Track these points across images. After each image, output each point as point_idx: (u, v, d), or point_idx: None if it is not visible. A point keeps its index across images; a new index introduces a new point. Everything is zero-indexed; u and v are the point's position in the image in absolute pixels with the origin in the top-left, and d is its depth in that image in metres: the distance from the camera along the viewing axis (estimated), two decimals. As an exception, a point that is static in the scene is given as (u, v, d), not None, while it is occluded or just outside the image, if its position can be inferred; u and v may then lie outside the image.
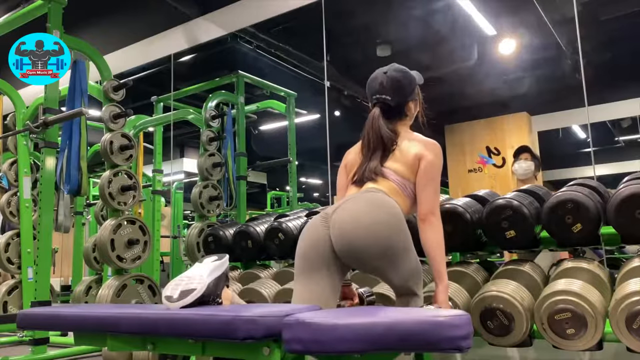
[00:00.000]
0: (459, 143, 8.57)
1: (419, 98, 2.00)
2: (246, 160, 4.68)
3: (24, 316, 1.87)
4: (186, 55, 5.72)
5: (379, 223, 1.68)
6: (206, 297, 1.57)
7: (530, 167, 3.48)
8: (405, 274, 1.74)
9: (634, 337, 1.81)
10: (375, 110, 1.91)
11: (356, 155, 1.95)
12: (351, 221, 1.69)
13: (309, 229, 1.79)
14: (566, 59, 6.17)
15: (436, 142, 1.88)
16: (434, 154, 1.84)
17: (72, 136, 3.27)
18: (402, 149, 1.85)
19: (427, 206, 1.78)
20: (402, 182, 1.81)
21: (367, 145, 1.89)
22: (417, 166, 1.81)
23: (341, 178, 1.98)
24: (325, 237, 1.72)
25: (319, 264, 1.72)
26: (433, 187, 1.81)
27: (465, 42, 6.07)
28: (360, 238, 1.66)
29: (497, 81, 6.93)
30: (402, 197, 1.80)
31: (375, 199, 1.75)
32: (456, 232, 2.23)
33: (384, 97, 1.90)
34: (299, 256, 1.78)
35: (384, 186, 1.80)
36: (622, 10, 5.37)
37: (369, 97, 1.96)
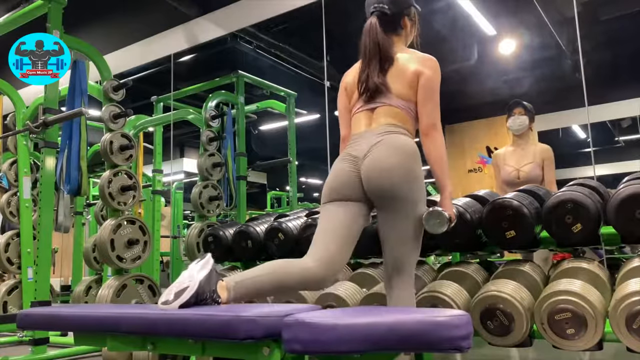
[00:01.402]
0: (459, 143, 8.57)
1: (415, 19, 2.07)
2: (246, 160, 4.67)
3: (24, 316, 1.87)
4: (186, 55, 5.73)
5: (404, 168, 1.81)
6: (202, 296, 1.57)
7: (525, 121, 3.50)
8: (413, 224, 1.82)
9: (634, 337, 1.81)
10: (372, 19, 1.98)
11: (355, 76, 2.01)
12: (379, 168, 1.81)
13: (339, 169, 1.90)
14: (566, 59, 6.18)
15: (433, 57, 1.96)
16: (432, 70, 1.93)
17: (72, 136, 3.27)
18: (399, 65, 1.92)
19: (428, 120, 1.88)
20: (406, 106, 1.90)
21: (365, 53, 1.97)
22: (417, 82, 1.90)
23: (342, 101, 2.08)
24: (354, 178, 1.85)
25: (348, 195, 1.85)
26: (433, 102, 1.90)
27: (465, 42, 6.07)
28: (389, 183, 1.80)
29: (497, 81, 6.93)
30: (408, 120, 1.91)
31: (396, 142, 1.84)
32: (456, 232, 2.23)
33: (382, 6, 1.98)
34: (328, 189, 1.90)
35: (395, 117, 1.89)
36: (622, 10, 5.38)
37: (367, 9, 2.03)
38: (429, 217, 1.82)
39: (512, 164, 3.43)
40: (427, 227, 1.83)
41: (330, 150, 3.72)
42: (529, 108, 3.55)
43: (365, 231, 1.92)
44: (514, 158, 3.45)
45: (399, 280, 1.85)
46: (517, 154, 3.47)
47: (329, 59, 5.79)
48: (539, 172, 3.34)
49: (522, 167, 3.38)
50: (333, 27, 4.16)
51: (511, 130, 3.55)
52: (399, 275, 1.85)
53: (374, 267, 2.61)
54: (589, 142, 8.29)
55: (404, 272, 1.85)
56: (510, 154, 3.51)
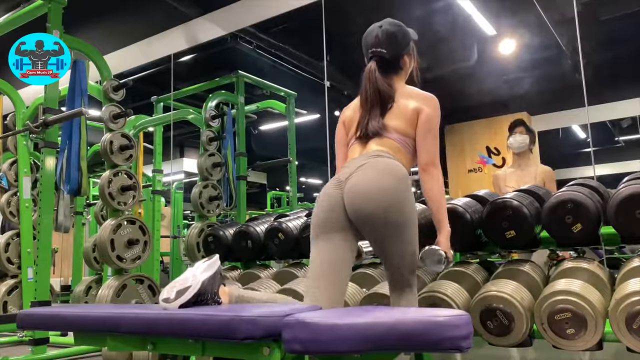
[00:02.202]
0: (459, 143, 8.57)
1: (413, 53, 2.04)
2: (246, 160, 4.67)
3: (24, 316, 1.87)
4: (186, 55, 5.72)
5: (388, 189, 1.73)
6: (203, 296, 1.58)
7: (525, 140, 3.48)
8: (407, 250, 1.76)
9: (634, 337, 1.81)
10: (371, 64, 1.95)
11: (354, 111, 1.99)
12: (362, 189, 1.74)
13: (324, 196, 1.84)
14: (566, 59, 6.18)
15: (433, 95, 1.93)
16: (431, 108, 1.89)
17: (72, 136, 3.27)
18: (400, 104, 1.90)
19: (427, 157, 1.85)
20: (403, 140, 1.87)
21: (365, 99, 1.94)
22: (416, 120, 1.87)
23: (340, 134, 2.04)
24: (339, 202, 1.78)
25: (334, 226, 1.77)
26: (432, 139, 1.87)
27: (465, 42, 6.07)
28: (371, 204, 1.71)
29: (497, 81, 6.93)
30: (404, 154, 1.87)
31: (383, 164, 1.79)
32: (456, 232, 2.22)
33: (380, 50, 1.95)
34: (315, 221, 1.83)
35: (388, 146, 1.85)
36: (622, 10, 5.37)
37: (365, 52, 2.01)
38: (426, 257, 1.79)
39: (512, 185, 3.39)
40: (424, 266, 1.80)
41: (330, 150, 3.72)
42: (531, 128, 3.55)
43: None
44: (514, 179, 3.43)
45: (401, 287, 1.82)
46: (517, 175, 3.45)
47: (329, 59, 5.80)
48: None
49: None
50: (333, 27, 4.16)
51: (511, 148, 3.54)
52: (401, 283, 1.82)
53: (374, 267, 2.61)
54: (589, 142, 8.29)
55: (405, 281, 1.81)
56: (510, 175, 3.49)
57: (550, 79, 6.92)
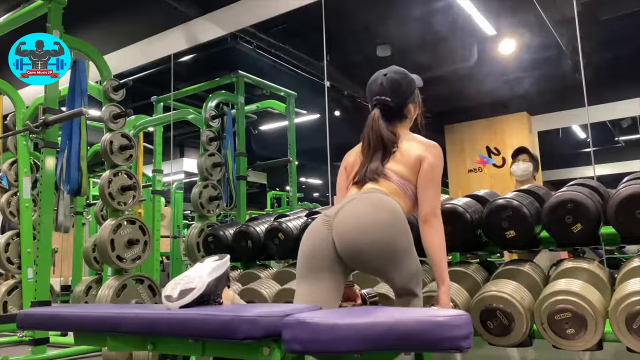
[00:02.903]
0: (459, 143, 8.57)
1: (418, 100, 2.01)
2: (246, 160, 4.67)
3: (24, 316, 1.87)
4: (186, 55, 5.72)
5: (380, 223, 1.68)
6: (206, 297, 1.57)
7: (529, 168, 3.47)
8: (406, 275, 1.74)
9: (634, 337, 1.81)
10: (375, 111, 1.92)
11: (356, 157, 1.96)
12: (353, 223, 1.69)
13: (312, 231, 1.79)
14: (566, 59, 6.17)
15: (437, 144, 1.89)
16: (435, 156, 1.84)
17: (72, 136, 3.27)
18: (402, 151, 1.86)
19: (428, 208, 1.79)
20: (402, 183, 1.82)
21: (368, 146, 1.90)
22: (419, 168, 1.82)
23: (341, 180, 1.99)
24: (327, 238, 1.72)
25: (322, 265, 1.71)
26: (434, 189, 1.82)
27: (465, 42, 6.06)
28: (362, 239, 1.66)
29: (497, 81, 6.93)
30: (402, 197, 1.81)
31: (375, 199, 1.76)
32: (456, 232, 2.23)
33: (384, 99, 1.91)
34: (301, 258, 1.77)
35: (384, 187, 1.81)
36: (622, 10, 5.37)
37: (369, 99, 1.97)
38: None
39: None
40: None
41: (330, 150, 3.72)
42: (534, 156, 3.54)
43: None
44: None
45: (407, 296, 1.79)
46: None
47: (329, 59, 5.79)
48: None
49: None
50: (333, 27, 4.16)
51: (514, 176, 3.53)
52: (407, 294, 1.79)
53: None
54: (589, 142, 8.29)
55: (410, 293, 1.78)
56: None
57: (550, 79, 6.92)
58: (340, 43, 5.69)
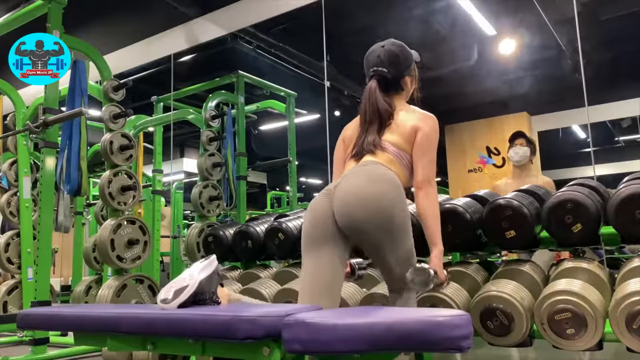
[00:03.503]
0: (459, 143, 8.57)
1: (415, 74, 2.04)
2: (246, 160, 4.68)
3: (24, 316, 1.87)
4: (186, 55, 5.72)
5: (378, 194, 1.72)
6: (201, 295, 1.58)
7: (526, 152, 3.48)
8: (401, 254, 1.76)
9: (634, 337, 1.81)
10: (372, 83, 1.95)
11: (354, 130, 1.99)
12: (352, 195, 1.73)
13: (313, 205, 1.84)
14: (566, 59, 6.17)
15: (432, 115, 1.91)
16: (430, 126, 1.88)
17: (72, 136, 3.27)
18: (398, 122, 1.90)
19: (423, 175, 1.83)
20: (398, 153, 1.86)
21: (364, 117, 1.93)
22: (414, 138, 1.86)
23: (338, 152, 2.03)
24: (328, 212, 1.76)
25: (324, 238, 1.76)
26: (429, 157, 1.85)
27: (465, 42, 6.07)
28: (361, 211, 1.70)
29: (497, 81, 6.93)
30: (399, 167, 1.85)
31: (374, 171, 1.79)
32: (456, 232, 2.23)
33: (381, 70, 1.94)
34: (305, 232, 1.83)
35: (382, 158, 1.84)
36: (622, 10, 5.37)
37: (366, 70, 2.00)
38: (413, 275, 1.74)
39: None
40: (411, 284, 1.75)
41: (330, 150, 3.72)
42: (531, 140, 3.55)
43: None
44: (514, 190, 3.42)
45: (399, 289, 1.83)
46: (517, 185, 3.43)
47: (329, 59, 5.79)
48: None
49: None
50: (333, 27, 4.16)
51: (512, 160, 3.54)
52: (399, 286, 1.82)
53: (374, 267, 2.61)
54: (589, 142, 8.29)
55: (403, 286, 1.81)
56: (510, 186, 3.48)
57: (550, 79, 6.92)
58: (340, 43, 5.69)
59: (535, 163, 3.66)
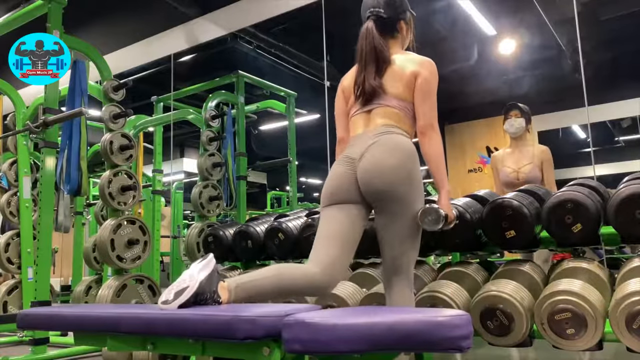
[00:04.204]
0: (459, 143, 8.57)
1: (410, 23, 2.08)
2: (246, 160, 4.67)
3: (24, 316, 1.87)
4: (186, 55, 5.73)
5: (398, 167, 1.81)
6: (202, 295, 1.57)
7: (522, 124, 3.49)
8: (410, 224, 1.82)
9: (634, 337, 1.81)
10: (368, 23, 2.00)
11: (352, 80, 2.03)
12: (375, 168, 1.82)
13: (336, 172, 1.90)
14: (566, 59, 6.18)
15: (430, 59, 1.96)
16: (429, 71, 1.93)
17: (72, 136, 3.27)
18: (397, 68, 1.93)
19: (426, 120, 1.89)
20: (403, 106, 1.91)
21: (361, 57, 1.98)
22: (414, 83, 1.91)
23: (339, 104, 2.09)
24: (352, 180, 1.85)
25: (346, 199, 1.86)
26: (430, 102, 1.91)
27: (465, 42, 6.07)
28: (382, 181, 1.80)
29: (497, 81, 6.93)
30: (406, 121, 1.91)
31: (392, 143, 1.84)
32: (456, 232, 2.23)
33: (378, 10, 1.99)
34: (327, 193, 1.90)
35: (390, 117, 1.90)
36: (622, 10, 5.38)
37: (363, 14, 2.06)
38: (424, 215, 1.81)
39: (510, 165, 3.41)
40: (422, 224, 1.82)
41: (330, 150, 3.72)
42: (525, 110, 3.55)
43: (365, 231, 1.92)
44: (512, 159, 3.43)
45: (397, 280, 1.85)
46: (515, 155, 3.45)
47: (329, 59, 5.79)
48: (539, 173, 3.33)
49: (521, 168, 3.37)
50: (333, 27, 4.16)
51: (508, 132, 3.55)
52: (397, 275, 1.85)
53: (374, 267, 2.61)
54: (589, 142, 8.29)
55: (402, 272, 1.85)
56: (508, 155, 3.49)
57: (550, 79, 6.93)
58: (341, 43, 5.69)
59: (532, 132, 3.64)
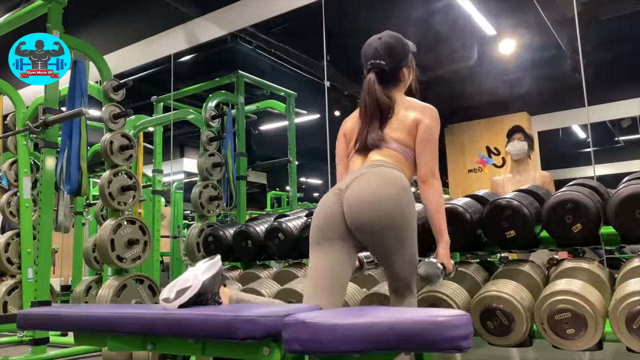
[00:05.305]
0: (459, 143, 8.57)
1: (412, 65, 2.04)
2: (246, 160, 4.67)
3: (24, 316, 1.87)
4: (186, 55, 5.73)
5: (389, 197, 1.73)
6: (203, 296, 1.57)
7: (524, 147, 3.49)
8: (407, 257, 1.77)
9: (634, 337, 1.81)
10: (370, 76, 1.95)
11: (354, 123, 1.99)
12: (362, 197, 1.74)
13: (323, 204, 1.84)
14: (566, 59, 6.18)
15: (432, 106, 1.92)
16: (430, 118, 1.88)
17: (72, 136, 3.27)
18: (400, 116, 1.90)
19: (426, 168, 1.85)
20: (404, 150, 1.87)
21: (365, 111, 1.93)
22: (415, 130, 1.87)
23: (340, 147, 2.03)
24: (339, 211, 1.77)
25: (334, 235, 1.77)
26: (431, 150, 1.87)
27: (465, 42, 6.07)
28: (371, 213, 1.71)
29: (497, 81, 6.93)
30: (405, 164, 1.87)
31: (385, 173, 1.79)
32: (456, 232, 2.22)
33: (379, 62, 1.94)
34: (315, 229, 1.83)
35: (389, 157, 1.85)
36: (622, 10, 5.37)
37: (364, 63, 2.00)
38: (423, 270, 1.77)
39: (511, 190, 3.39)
40: (421, 279, 1.79)
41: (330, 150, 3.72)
42: (529, 134, 3.57)
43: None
44: (513, 184, 3.41)
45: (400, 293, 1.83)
46: (516, 180, 3.44)
47: (329, 59, 5.79)
48: None
49: None
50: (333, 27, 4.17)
51: (510, 154, 3.55)
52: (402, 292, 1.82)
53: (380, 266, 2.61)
54: (589, 142, 8.28)
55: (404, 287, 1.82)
56: (508, 180, 3.49)
57: (550, 79, 6.92)
58: (341, 43, 5.69)
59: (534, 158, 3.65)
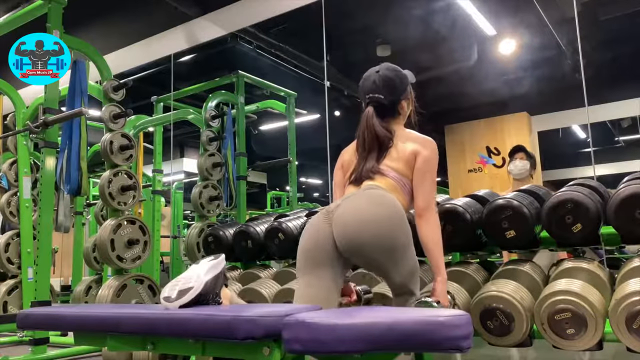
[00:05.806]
0: (459, 143, 8.57)
1: (411, 97, 2.01)
2: (246, 160, 4.68)
3: (24, 316, 1.87)
4: (186, 55, 5.72)
5: (380, 218, 1.70)
6: (205, 296, 1.57)
7: (526, 166, 3.48)
8: (405, 272, 1.75)
9: (634, 337, 1.81)
10: (369, 109, 1.92)
11: (352, 155, 1.97)
12: (353, 217, 1.71)
13: (311, 226, 1.80)
14: (566, 59, 6.17)
15: (431, 138, 1.90)
16: (429, 150, 1.86)
17: (72, 136, 3.27)
18: (398, 148, 1.87)
19: (423, 202, 1.81)
20: (400, 179, 1.83)
21: (363, 145, 1.90)
22: (414, 163, 1.84)
23: (338, 178, 2.00)
24: (327, 233, 1.73)
25: (322, 260, 1.73)
26: (429, 183, 1.83)
27: (465, 42, 6.07)
28: (362, 234, 1.68)
29: (497, 81, 6.93)
30: (400, 193, 1.82)
31: (376, 195, 1.77)
32: (456, 232, 2.23)
33: (377, 96, 1.91)
34: (301, 253, 1.79)
35: (383, 183, 1.82)
36: (622, 10, 5.37)
37: (362, 96, 1.98)
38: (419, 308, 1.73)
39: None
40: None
41: (330, 150, 3.72)
42: (531, 154, 3.55)
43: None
44: None
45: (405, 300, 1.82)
46: None
47: (329, 59, 5.79)
48: None
49: None
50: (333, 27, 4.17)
51: (512, 174, 3.54)
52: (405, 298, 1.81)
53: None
54: (589, 142, 8.29)
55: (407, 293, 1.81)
56: None
57: (550, 79, 6.92)
58: (340, 43, 5.69)
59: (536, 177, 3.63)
